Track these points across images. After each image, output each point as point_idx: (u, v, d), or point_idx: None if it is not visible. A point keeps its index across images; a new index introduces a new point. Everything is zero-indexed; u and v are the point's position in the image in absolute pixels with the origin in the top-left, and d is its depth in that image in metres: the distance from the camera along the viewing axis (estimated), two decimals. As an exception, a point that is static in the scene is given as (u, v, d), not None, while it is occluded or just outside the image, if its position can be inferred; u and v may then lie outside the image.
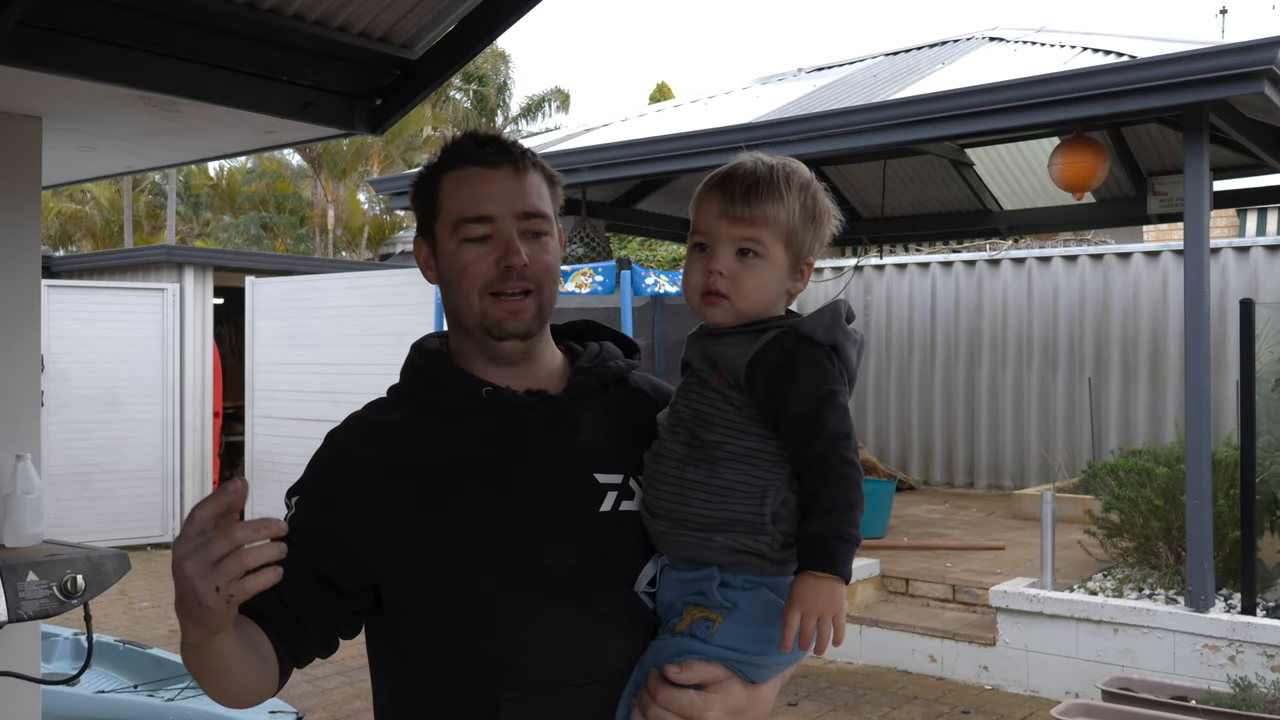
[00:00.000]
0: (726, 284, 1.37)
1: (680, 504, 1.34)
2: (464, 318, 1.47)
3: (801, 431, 1.31)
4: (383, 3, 2.71)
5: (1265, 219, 12.22)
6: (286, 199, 29.62)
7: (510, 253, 1.42)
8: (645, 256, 17.60)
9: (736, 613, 1.31)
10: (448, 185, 1.47)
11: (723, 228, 1.38)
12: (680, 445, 1.37)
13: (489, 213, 1.43)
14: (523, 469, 1.41)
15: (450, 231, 1.45)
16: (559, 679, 1.33)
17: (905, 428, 11.55)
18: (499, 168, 1.46)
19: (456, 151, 1.48)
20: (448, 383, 1.47)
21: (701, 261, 1.40)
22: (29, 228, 3.06)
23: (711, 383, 1.37)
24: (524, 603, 1.35)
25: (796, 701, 5.72)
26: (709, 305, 1.39)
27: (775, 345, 1.34)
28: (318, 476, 1.46)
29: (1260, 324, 6.15)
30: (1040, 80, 5.87)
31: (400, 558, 1.38)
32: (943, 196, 9.55)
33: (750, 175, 1.39)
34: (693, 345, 1.44)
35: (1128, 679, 5.22)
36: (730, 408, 1.35)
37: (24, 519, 2.86)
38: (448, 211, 1.46)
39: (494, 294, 1.43)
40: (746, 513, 1.31)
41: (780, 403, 1.32)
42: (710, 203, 1.40)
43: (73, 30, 2.40)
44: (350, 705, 5.66)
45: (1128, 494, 6.40)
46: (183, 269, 10.91)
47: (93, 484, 10.10)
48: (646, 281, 7.19)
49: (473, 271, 1.43)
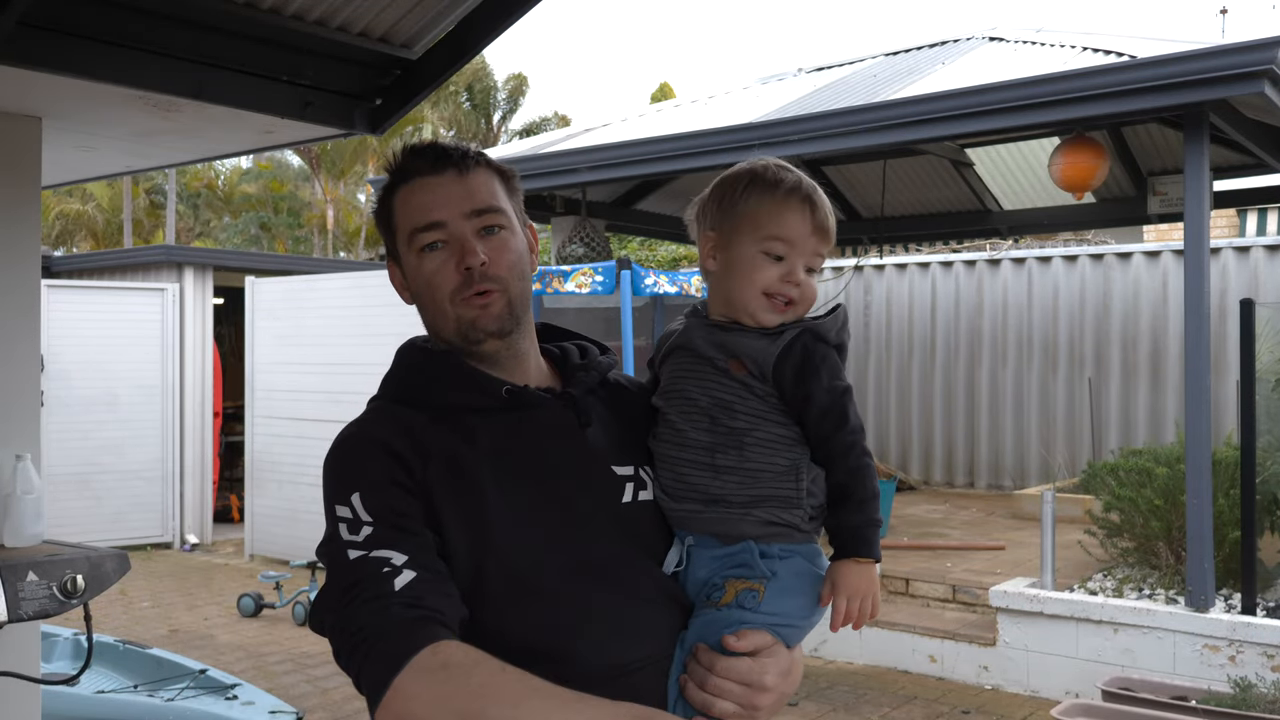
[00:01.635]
0: (797, 293, 1.45)
1: (714, 486, 1.42)
2: (442, 329, 1.48)
3: (827, 424, 1.42)
4: (383, 3, 2.71)
5: (1265, 219, 12.22)
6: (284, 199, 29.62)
7: (466, 253, 1.43)
8: (645, 256, 17.60)
9: (777, 581, 1.41)
10: (399, 202, 1.48)
11: (810, 244, 1.46)
12: (703, 432, 1.43)
13: (438, 218, 1.44)
14: (552, 465, 1.43)
15: (408, 247, 1.46)
16: (614, 665, 1.35)
17: (905, 428, 11.55)
18: (442, 173, 1.46)
19: (400, 168, 1.49)
20: (469, 383, 1.45)
21: (778, 269, 1.45)
22: (29, 228, 3.06)
23: (733, 372, 1.44)
24: (575, 596, 1.36)
25: (796, 702, 5.71)
26: (775, 310, 1.45)
27: (799, 343, 1.43)
28: (366, 463, 1.38)
29: (1260, 324, 6.15)
30: (1040, 80, 5.87)
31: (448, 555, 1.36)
32: (943, 196, 9.55)
33: (826, 201, 1.48)
34: (700, 335, 1.48)
35: (1128, 679, 5.22)
36: (753, 396, 1.43)
37: (24, 519, 2.86)
38: (402, 228, 1.47)
39: (463, 298, 1.44)
40: (782, 489, 1.42)
41: (806, 396, 1.42)
42: (799, 216, 1.46)
43: (73, 30, 2.40)
44: (350, 705, 5.66)
45: (1128, 494, 6.40)
46: (182, 269, 10.91)
47: (93, 484, 10.10)
48: (646, 281, 7.18)
49: (437, 281, 1.44)
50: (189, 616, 7.78)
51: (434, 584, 1.30)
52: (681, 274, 7.65)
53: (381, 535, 1.32)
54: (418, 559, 1.31)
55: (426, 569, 1.30)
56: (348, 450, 1.42)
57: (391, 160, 1.51)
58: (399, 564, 1.30)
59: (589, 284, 6.95)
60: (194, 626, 7.47)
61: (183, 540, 10.62)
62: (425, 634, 1.24)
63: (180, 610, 7.98)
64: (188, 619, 7.70)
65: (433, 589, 1.29)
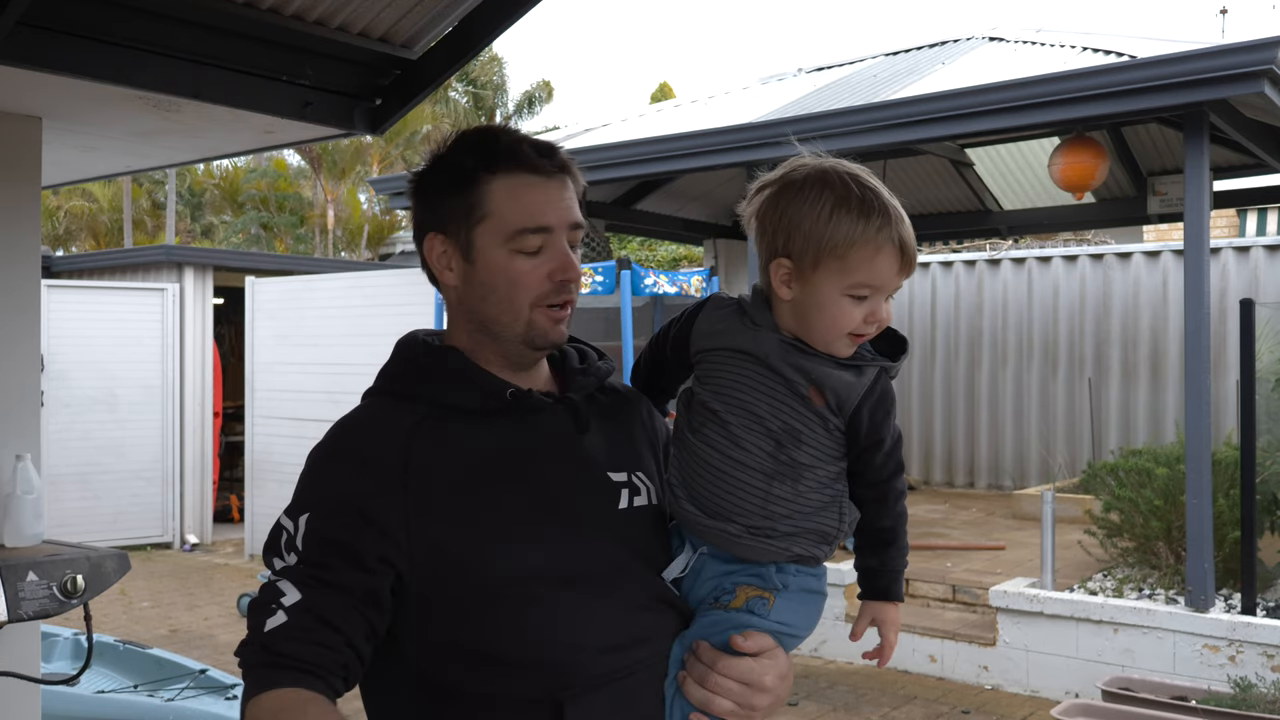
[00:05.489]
0: (876, 329, 1.39)
1: (762, 516, 1.38)
2: (504, 327, 1.42)
3: (889, 467, 1.42)
4: (383, 3, 2.71)
5: (1265, 219, 12.22)
6: (287, 199, 29.61)
7: (569, 267, 1.41)
8: (645, 256, 17.61)
9: (786, 593, 1.42)
10: (500, 190, 1.39)
11: (893, 286, 1.37)
12: (766, 457, 1.38)
13: (549, 224, 1.40)
14: (552, 471, 1.41)
15: (503, 241, 1.39)
16: (614, 670, 1.35)
17: (905, 428, 11.52)
18: (554, 176, 1.42)
19: (513, 155, 1.41)
20: (471, 384, 1.41)
21: (863, 309, 1.35)
22: (29, 228, 3.06)
23: (813, 403, 1.37)
24: (576, 603, 1.35)
25: (796, 701, 5.72)
26: (852, 344, 1.38)
27: (880, 383, 1.40)
28: (333, 482, 1.36)
29: (1260, 324, 6.15)
30: (1040, 80, 5.87)
31: (439, 569, 1.33)
32: (943, 196, 9.56)
33: (910, 228, 1.38)
34: (777, 350, 1.38)
35: (1128, 679, 5.22)
36: (823, 431, 1.38)
37: (24, 519, 2.86)
38: (502, 219, 1.39)
39: (545, 306, 1.41)
40: (825, 524, 1.41)
41: (879, 439, 1.40)
42: (890, 259, 1.35)
43: (73, 30, 2.40)
44: (350, 705, 5.65)
45: (1128, 494, 6.40)
46: (183, 269, 10.91)
47: (93, 484, 10.10)
48: (646, 281, 7.19)
49: (526, 283, 1.40)
50: (189, 616, 7.78)
51: (304, 632, 1.26)
52: (681, 274, 7.65)
53: (294, 570, 1.30)
54: (306, 604, 1.27)
55: (307, 612, 1.27)
56: (323, 462, 1.38)
57: (492, 139, 1.42)
58: (287, 604, 1.28)
59: (589, 284, 6.95)
60: (194, 626, 7.47)
61: (183, 540, 10.61)
62: (267, 679, 1.24)
63: (180, 610, 7.98)
64: (188, 619, 7.70)
65: (298, 636, 1.26)
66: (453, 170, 1.42)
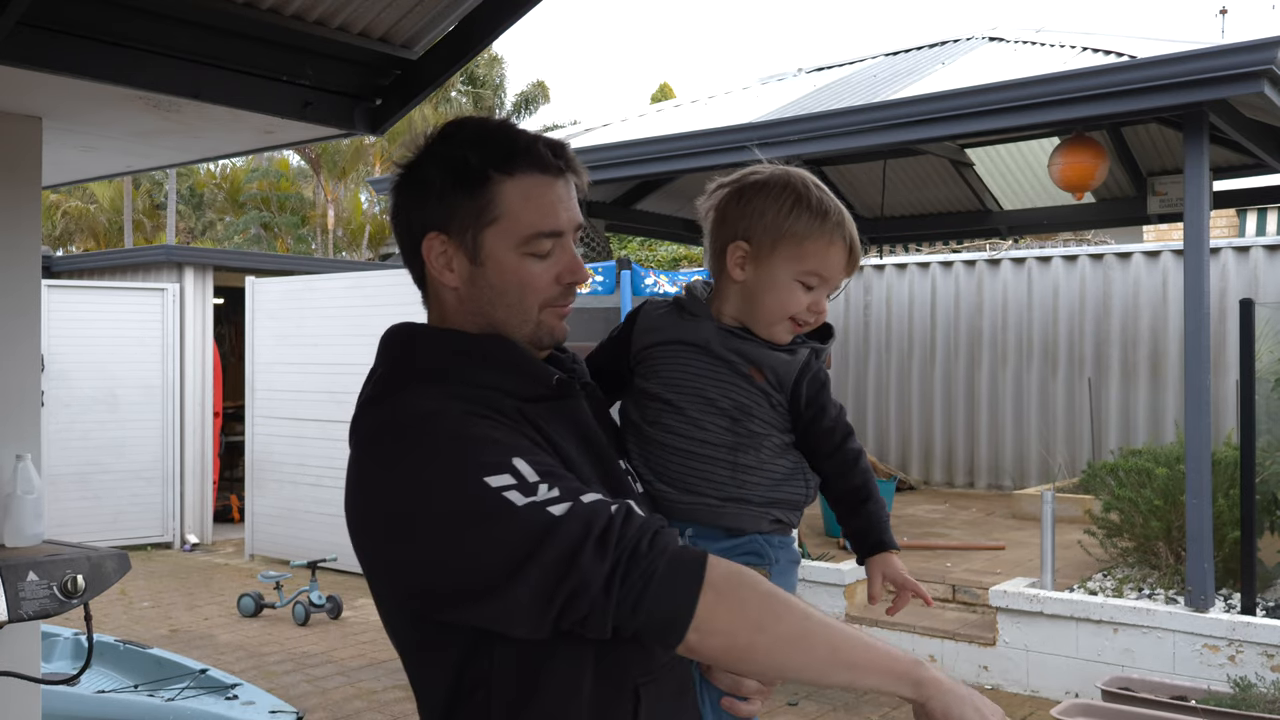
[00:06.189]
0: (815, 319, 1.54)
1: (734, 485, 1.49)
2: (513, 329, 1.38)
3: (838, 434, 1.55)
4: (383, 3, 2.71)
5: (1265, 219, 12.22)
6: (288, 199, 29.62)
7: (577, 269, 1.40)
8: (645, 256, 17.61)
9: (779, 566, 1.53)
10: (514, 192, 1.34)
11: (838, 279, 1.53)
12: (724, 432, 1.49)
13: (560, 228, 1.37)
14: (601, 453, 1.42)
15: (515, 244, 1.35)
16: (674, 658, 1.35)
17: (905, 428, 11.55)
18: (563, 177, 1.39)
19: (529, 155, 1.36)
20: (528, 370, 1.38)
21: (809, 298, 1.51)
22: (29, 228, 3.06)
23: (755, 380, 1.51)
24: None
25: (796, 701, 5.72)
26: (793, 331, 1.53)
27: (811, 363, 1.54)
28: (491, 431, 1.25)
29: (1260, 324, 6.15)
30: (1040, 80, 5.86)
31: None
32: (943, 196, 9.55)
33: (855, 230, 1.53)
34: (716, 338, 1.51)
35: (1128, 679, 5.22)
36: (768, 405, 1.51)
37: (24, 519, 2.87)
38: (515, 221, 1.34)
39: (554, 308, 1.40)
40: (794, 493, 1.54)
41: (821, 409, 1.54)
42: (840, 253, 1.51)
43: (73, 30, 2.40)
44: (350, 705, 5.66)
45: (1128, 494, 6.40)
46: (183, 269, 10.91)
47: (93, 484, 10.10)
48: (646, 281, 7.19)
49: (537, 286, 1.37)
50: (189, 616, 7.78)
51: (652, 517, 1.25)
52: (681, 274, 7.65)
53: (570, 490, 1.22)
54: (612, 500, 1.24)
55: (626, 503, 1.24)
56: (451, 426, 1.26)
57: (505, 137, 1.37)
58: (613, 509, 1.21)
59: (589, 284, 6.94)
60: (194, 626, 7.47)
61: (183, 540, 10.62)
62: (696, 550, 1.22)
63: (180, 610, 7.98)
64: (188, 619, 7.70)
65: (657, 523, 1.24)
66: (457, 167, 1.35)
